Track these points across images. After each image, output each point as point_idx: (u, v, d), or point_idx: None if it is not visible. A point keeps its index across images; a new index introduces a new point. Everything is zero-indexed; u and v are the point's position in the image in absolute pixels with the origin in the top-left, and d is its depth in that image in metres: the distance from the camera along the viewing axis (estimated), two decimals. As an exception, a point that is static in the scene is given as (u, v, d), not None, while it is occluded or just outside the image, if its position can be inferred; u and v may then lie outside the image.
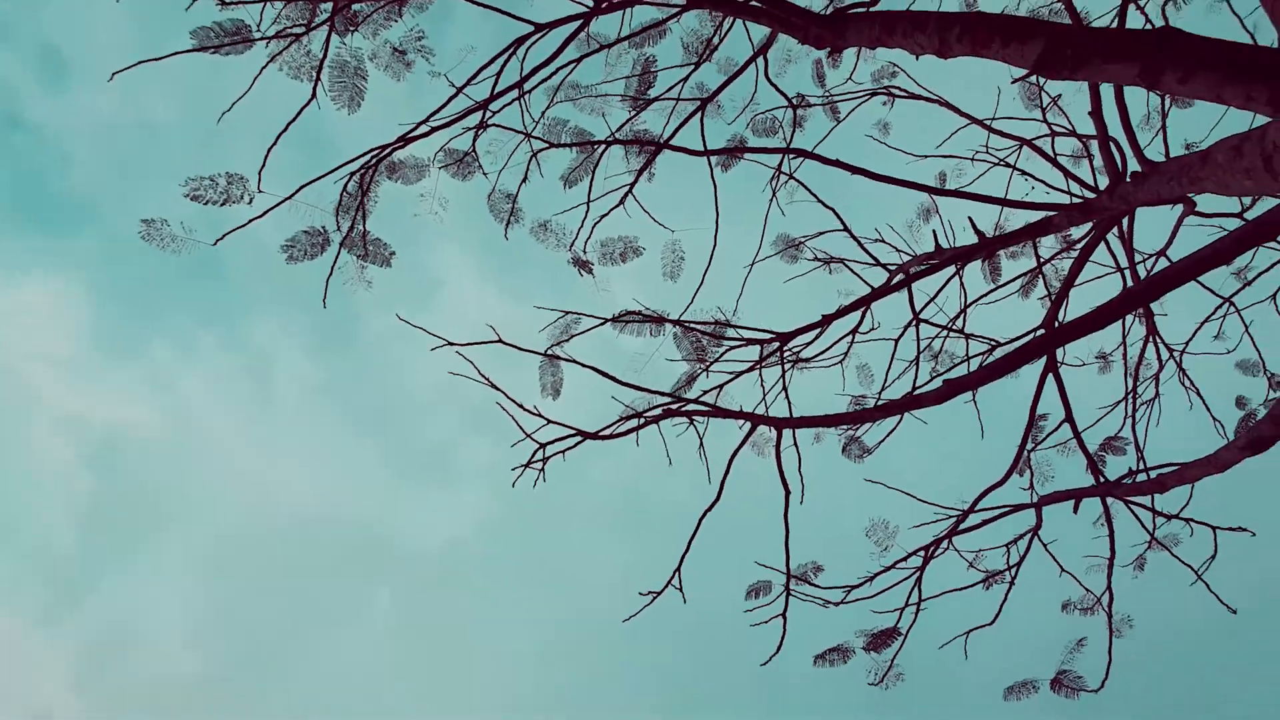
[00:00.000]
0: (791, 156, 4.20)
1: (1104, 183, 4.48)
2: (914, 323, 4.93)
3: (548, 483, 5.37)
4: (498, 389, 4.97)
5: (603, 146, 5.28)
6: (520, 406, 4.93)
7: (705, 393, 4.95)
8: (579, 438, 4.94)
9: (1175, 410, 5.12)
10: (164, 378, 22.27)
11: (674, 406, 4.73)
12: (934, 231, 4.39)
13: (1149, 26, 3.55)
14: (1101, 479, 4.46)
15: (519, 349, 4.98)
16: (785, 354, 4.93)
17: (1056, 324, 4.61)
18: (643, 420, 4.71)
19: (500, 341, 4.94)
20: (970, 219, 4.09)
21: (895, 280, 4.61)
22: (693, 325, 4.92)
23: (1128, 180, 3.61)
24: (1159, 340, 4.85)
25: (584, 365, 4.86)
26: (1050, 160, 4.61)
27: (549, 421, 4.90)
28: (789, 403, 5.06)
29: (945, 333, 5.05)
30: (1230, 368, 5.24)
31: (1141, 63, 2.69)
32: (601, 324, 5.16)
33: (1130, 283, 4.86)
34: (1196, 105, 5.14)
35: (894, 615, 4.66)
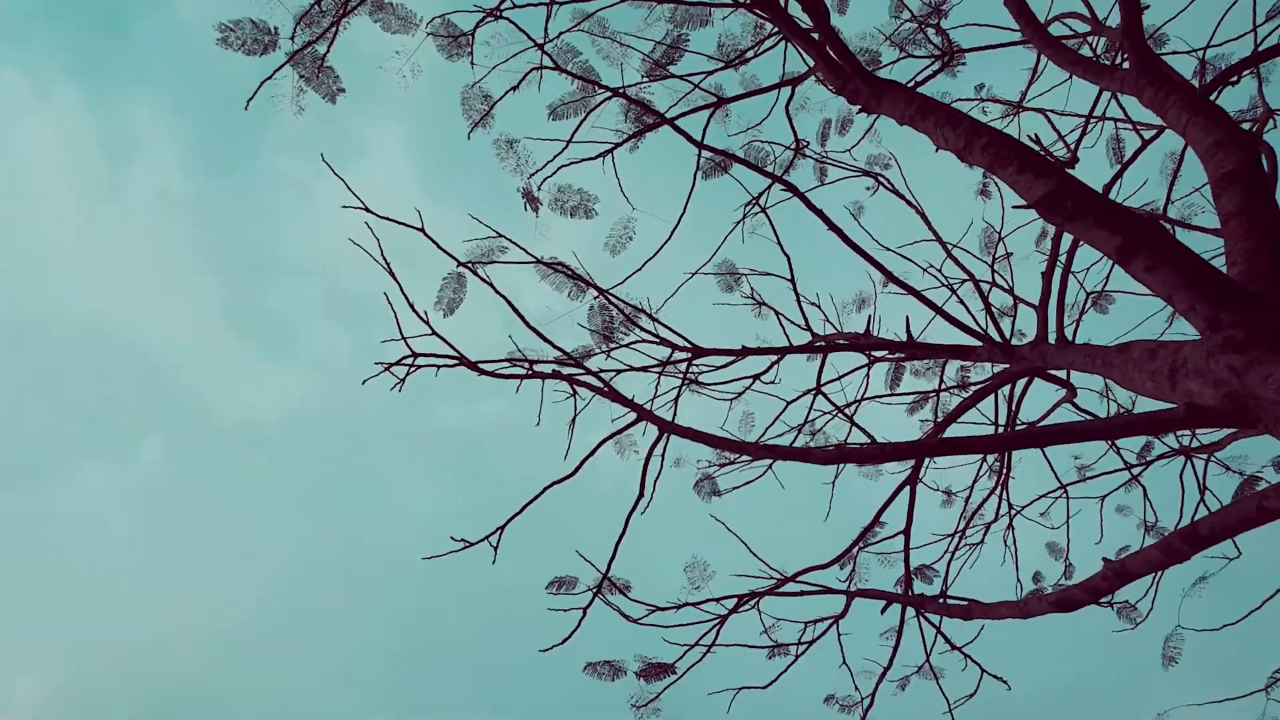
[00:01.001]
0: (781, 187, 4.19)
1: (1018, 343, 4.84)
2: (814, 392, 5.06)
3: (396, 395, 5.00)
4: (394, 277, 4.56)
5: (607, 94, 5.05)
6: (411, 307, 4.55)
7: (602, 371, 4.79)
8: (457, 361, 4.61)
9: (985, 562, 5.58)
10: (1, 112, 19.07)
11: (565, 370, 4.53)
12: (869, 317, 4.54)
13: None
14: (911, 593, 4.73)
15: (438, 247, 4.60)
16: (690, 367, 4.88)
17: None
18: (530, 369, 4.46)
19: (422, 231, 4.54)
20: (907, 318, 4.24)
21: (816, 344, 4.70)
22: (616, 301, 4.76)
23: (1051, 342, 3.88)
24: (1005, 495, 5.29)
25: (497, 291, 4.56)
26: (985, 304, 4.91)
27: (434, 333, 4.54)
28: (674, 414, 5.01)
29: (836, 414, 5.22)
30: (1041, 545, 5.82)
31: (1124, 238, 2.88)
32: (530, 262, 4.88)
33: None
34: (1110, 315, 5.71)
35: (681, 649, 4.66)
